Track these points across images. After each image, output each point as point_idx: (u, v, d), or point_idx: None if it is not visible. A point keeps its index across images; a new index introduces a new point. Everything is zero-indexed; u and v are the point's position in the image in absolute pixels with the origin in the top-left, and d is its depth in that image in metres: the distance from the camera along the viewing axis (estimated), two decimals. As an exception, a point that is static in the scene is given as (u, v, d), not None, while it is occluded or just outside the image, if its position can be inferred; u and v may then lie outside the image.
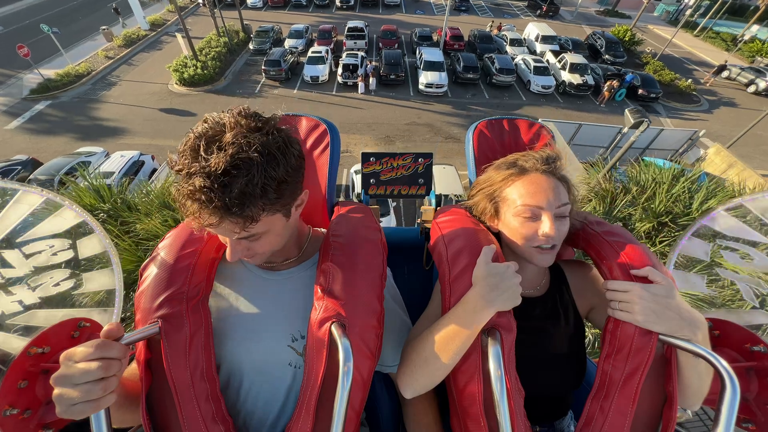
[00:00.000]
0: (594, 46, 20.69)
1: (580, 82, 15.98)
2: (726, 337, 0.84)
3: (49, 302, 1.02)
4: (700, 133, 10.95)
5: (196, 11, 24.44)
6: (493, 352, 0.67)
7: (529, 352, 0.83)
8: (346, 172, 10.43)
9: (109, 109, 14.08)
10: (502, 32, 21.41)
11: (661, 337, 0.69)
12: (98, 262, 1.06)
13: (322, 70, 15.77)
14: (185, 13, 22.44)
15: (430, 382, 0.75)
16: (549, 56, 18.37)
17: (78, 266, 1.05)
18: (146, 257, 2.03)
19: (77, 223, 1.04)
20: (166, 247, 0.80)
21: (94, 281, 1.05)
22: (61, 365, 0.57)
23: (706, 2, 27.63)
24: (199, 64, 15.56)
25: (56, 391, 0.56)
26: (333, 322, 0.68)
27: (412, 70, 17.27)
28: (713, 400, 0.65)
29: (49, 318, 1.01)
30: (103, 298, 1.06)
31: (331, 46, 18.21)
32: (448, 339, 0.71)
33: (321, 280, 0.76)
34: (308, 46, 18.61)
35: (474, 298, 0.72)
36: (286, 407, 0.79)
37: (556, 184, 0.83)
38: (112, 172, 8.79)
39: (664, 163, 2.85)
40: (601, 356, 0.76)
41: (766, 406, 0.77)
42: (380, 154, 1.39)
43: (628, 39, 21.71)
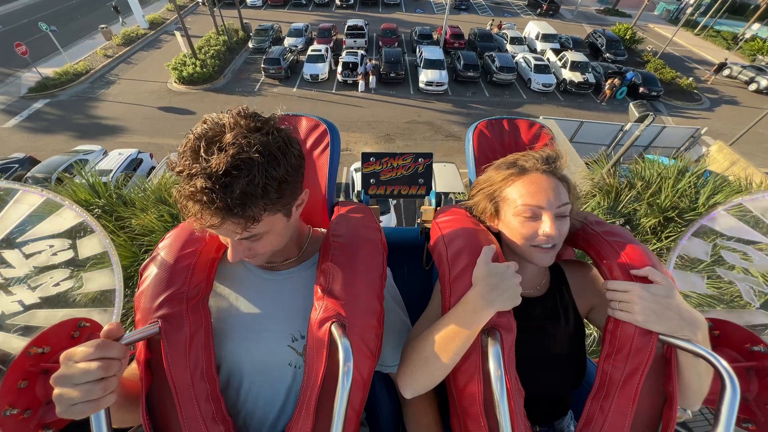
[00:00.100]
0: (595, 45, 20.64)
1: (581, 80, 15.94)
2: (726, 337, 0.84)
3: (49, 302, 1.02)
4: (702, 131, 10.90)
5: (196, 10, 24.36)
6: (493, 352, 0.67)
7: (529, 352, 0.83)
8: (346, 170, 10.41)
9: (108, 108, 14.03)
10: (503, 31, 21.36)
11: (661, 337, 0.69)
12: (98, 262, 1.06)
13: (321, 69, 15.73)
14: (184, 12, 22.36)
15: (430, 382, 0.75)
16: (550, 54, 18.32)
17: (78, 266, 1.05)
18: (141, 253, 2.04)
19: (77, 223, 1.04)
20: (166, 247, 0.80)
21: (94, 281, 1.05)
22: (61, 365, 0.57)
23: (707, 1, 27.56)
24: (198, 63, 15.51)
25: (56, 391, 0.56)
26: (333, 322, 0.68)
27: (412, 68, 17.22)
28: (713, 400, 0.65)
29: (49, 318, 1.01)
30: (103, 298, 1.06)
31: (331, 45, 18.15)
32: (448, 339, 0.71)
33: (321, 280, 0.76)
34: (308, 44, 18.53)
35: (474, 298, 0.72)
36: (286, 407, 0.80)
37: (556, 183, 0.83)
38: (110, 170, 8.74)
39: (669, 161, 2.84)
40: (601, 356, 0.76)
41: (766, 406, 0.77)
42: (380, 154, 1.39)
43: (628, 37, 21.64)
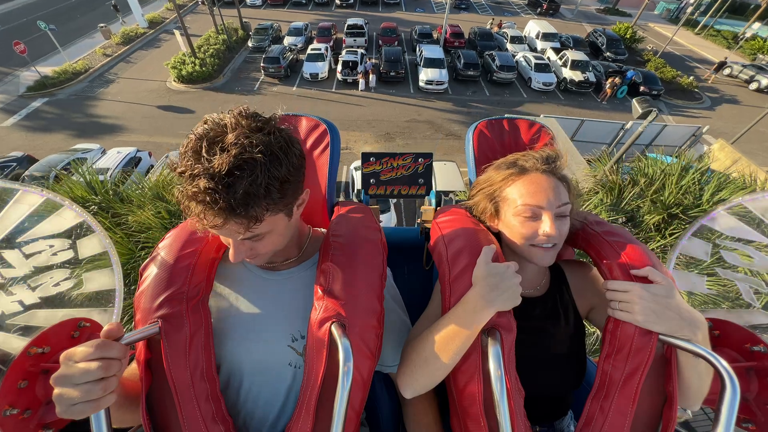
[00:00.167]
0: (595, 44, 20.61)
1: (582, 79, 15.93)
2: (726, 337, 0.84)
3: (49, 302, 1.02)
4: (704, 129, 10.86)
5: (195, 9, 24.33)
6: (493, 352, 0.67)
7: (529, 352, 0.83)
8: (346, 168, 10.40)
9: (107, 107, 14.02)
10: (503, 30, 21.33)
11: (661, 337, 0.69)
12: (98, 262, 1.05)
13: (321, 68, 15.72)
14: (184, 12, 22.33)
15: (430, 382, 0.75)
16: (550, 53, 18.30)
17: (78, 266, 1.05)
18: (138, 249, 2.03)
19: (77, 223, 1.04)
20: (166, 247, 0.80)
21: (94, 281, 1.05)
22: (61, 365, 0.57)
23: (707, 0, 27.51)
24: (197, 62, 15.50)
25: (56, 391, 0.56)
26: (333, 322, 0.68)
27: (412, 67, 17.21)
28: (713, 400, 0.65)
29: (49, 318, 1.01)
30: (103, 298, 1.06)
31: (331, 44, 18.12)
32: (448, 339, 0.71)
33: (321, 280, 0.76)
34: (307, 43, 18.51)
35: (474, 298, 0.72)
36: (286, 407, 0.80)
37: (556, 183, 0.83)
38: (108, 168, 8.72)
39: (672, 159, 2.82)
40: (601, 356, 0.76)
41: (766, 406, 0.77)
42: (380, 154, 1.39)
43: (629, 36, 21.62)
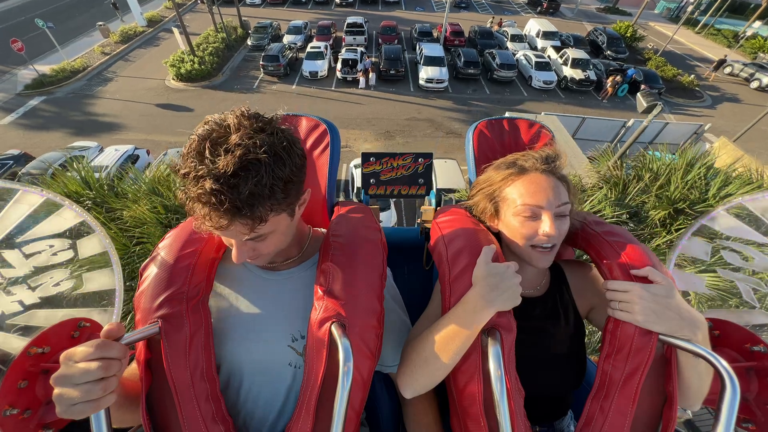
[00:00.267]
0: (595, 42, 20.58)
1: (582, 78, 15.91)
2: (726, 337, 0.84)
3: (49, 302, 1.02)
4: (706, 127, 10.81)
5: (194, 8, 24.27)
6: (493, 352, 0.67)
7: (529, 352, 0.83)
8: (346, 166, 10.39)
9: (105, 105, 13.98)
10: (503, 28, 21.29)
11: (661, 337, 0.69)
12: (98, 262, 1.05)
13: (321, 66, 15.69)
14: (183, 10, 22.26)
15: (430, 382, 0.75)
16: (550, 52, 18.26)
17: (78, 266, 1.05)
18: (132, 245, 2.02)
19: (77, 223, 1.04)
20: (166, 247, 0.80)
21: (94, 281, 1.05)
22: (61, 365, 0.57)
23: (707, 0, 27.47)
24: (196, 60, 15.45)
25: (56, 391, 0.56)
26: (333, 322, 0.68)
27: (412, 65, 17.18)
28: (713, 400, 0.65)
29: (49, 318, 1.01)
30: (103, 298, 1.06)
31: (330, 42, 18.08)
32: (448, 339, 0.71)
33: (321, 280, 0.76)
34: (307, 42, 18.45)
35: (474, 298, 0.72)
36: (286, 407, 0.80)
37: (555, 183, 0.82)
38: (106, 166, 8.70)
39: (675, 158, 2.80)
40: (601, 356, 0.76)
41: (766, 406, 0.77)
42: (380, 154, 1.39)
43: (629, 35, 21.58)
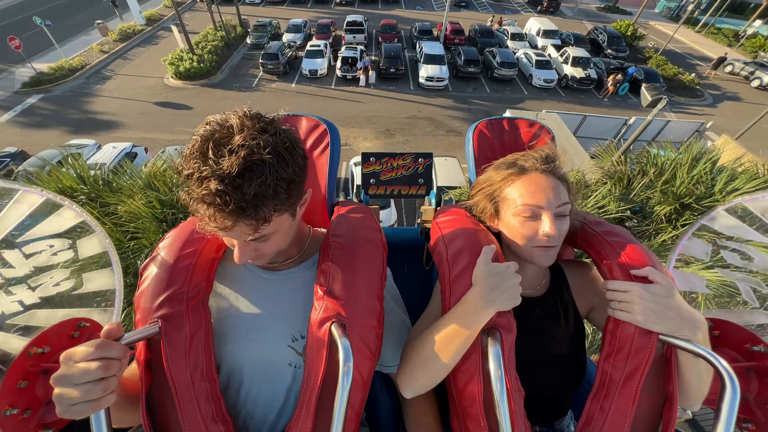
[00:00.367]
0: (596, 41, 20.53)
1: (583, 76, 15.88)
2: (726, 337, 0.84)
3: (49, 302, 1.02)
4: (707, 125, 10.78)
5: (194, 6, 24.20)
6: (493, 352, 0.67)
7: (529, 352, 0.83)
8: (346, 164, 10.38)
9: (103, 103, 13.93)
10: (503, 27, 21.24)
11: (661, 337, 0.69)
12: (98, 262, 1.05)
13: (320, 64, 15.65)
14: (182, 9, 22.22)
15: (430, 382, 0.76)
16: (551, 50, 18.23)
17: (78, 266, 1.05)
18: (126, 240, 2.02)
19: (77, 223, 1.03)
20: (166, 247, 0.80)
21: (94, 281, 1.05)
22: (61, 365, 0.57)
23: (707, -1, 27.44)
24: (195, 58, 15.41)
25: (56, 391, 0.56)
26: (333, 322, 0.68)
27: (412, 64, 17.14)
28: (713, 400, 0.65)
29: (49, 318, 1.00)
30: (103, 298, 1.06)
31: (330, 41, 18.03)
32: (448, 339, 0.71)
33: (321, 280, 0.75)
34: (307, 40, 18.42)
35: (474, 298, 0.72)
36: (286, 407, 0.80)
37: (555, 183, 0.82)
38: (104, 164, 8.67)
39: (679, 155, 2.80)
40: (601, 356, 0.76)
41: (766, 406, 0.77)
42: (380, 154, 1.39)
43: (630, 34, 21.53)
